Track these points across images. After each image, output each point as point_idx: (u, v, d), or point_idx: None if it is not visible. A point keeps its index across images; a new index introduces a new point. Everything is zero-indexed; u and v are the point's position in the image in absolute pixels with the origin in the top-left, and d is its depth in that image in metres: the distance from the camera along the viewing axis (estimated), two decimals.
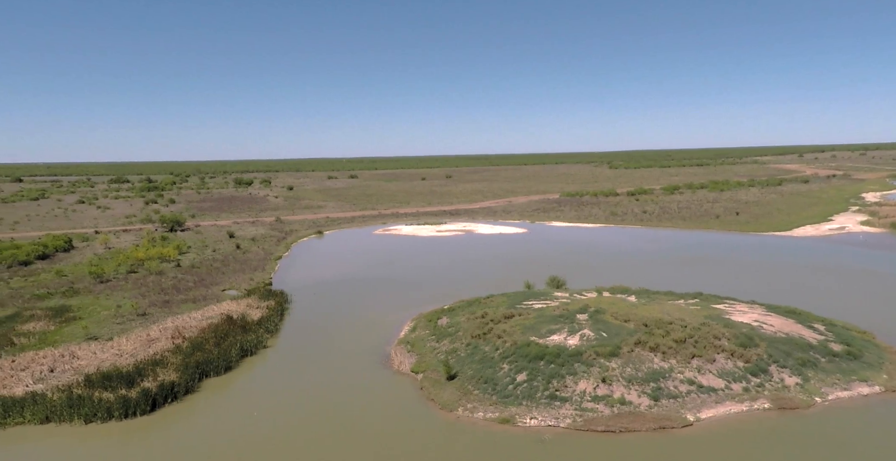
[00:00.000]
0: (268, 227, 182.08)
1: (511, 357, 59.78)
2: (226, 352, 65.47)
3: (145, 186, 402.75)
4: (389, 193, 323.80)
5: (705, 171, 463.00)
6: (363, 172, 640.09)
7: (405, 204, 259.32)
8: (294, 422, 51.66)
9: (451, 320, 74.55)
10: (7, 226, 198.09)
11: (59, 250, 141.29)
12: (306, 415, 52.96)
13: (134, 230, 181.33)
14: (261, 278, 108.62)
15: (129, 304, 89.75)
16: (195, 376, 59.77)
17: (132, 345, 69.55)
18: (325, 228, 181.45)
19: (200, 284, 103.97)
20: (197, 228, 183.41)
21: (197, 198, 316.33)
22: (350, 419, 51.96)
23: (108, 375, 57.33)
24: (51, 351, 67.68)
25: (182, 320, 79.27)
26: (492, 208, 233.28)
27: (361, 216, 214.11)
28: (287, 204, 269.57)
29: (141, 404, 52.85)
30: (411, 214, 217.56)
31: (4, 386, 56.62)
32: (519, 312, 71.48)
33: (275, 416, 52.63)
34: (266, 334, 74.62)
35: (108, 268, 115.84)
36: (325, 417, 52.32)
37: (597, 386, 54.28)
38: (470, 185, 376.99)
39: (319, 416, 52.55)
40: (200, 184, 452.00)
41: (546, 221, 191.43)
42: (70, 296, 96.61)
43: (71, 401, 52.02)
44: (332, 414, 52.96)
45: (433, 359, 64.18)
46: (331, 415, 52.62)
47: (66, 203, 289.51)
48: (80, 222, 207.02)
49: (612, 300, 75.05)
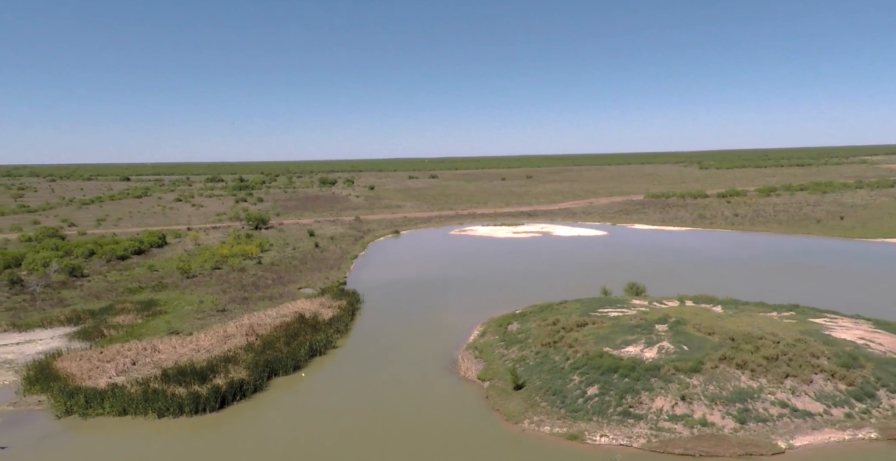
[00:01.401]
0: (347, 226, 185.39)
1: (582, 368, 56.71)
2: (295, 352, 66.04)
3: (237, 185, 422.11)
4: (468, 193, 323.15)
5: (806, 172, 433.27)
6: (444, 172, 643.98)
7: (483, 204, 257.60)
8: (356, 425, 51.02)
9: (522, 326, 72.08)
10: (111, 222, 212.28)
11: (154, 246, 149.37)
12: (369, 419, 52.21)
13: (222, 227, 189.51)
14: (336, 277, 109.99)
15: (211, 300, 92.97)
16: (264, 375, 60.47)
17: (209, 340, 71.55)
18: (401, 228, 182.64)
19: (278, 282, 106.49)
20: (280, 227, 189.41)
21: (283, 197, 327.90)
22: (411, 426, 50.74)
23: (182, 370, 58.96)
24: (135, 343, 70.67)
25: (257, 317, 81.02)
26: (571, 209, 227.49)
27: (438, 216, 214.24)
28: (367, 203, 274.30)
29: (210, 401, 53.85)
30: (488, 215, 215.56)
31: (90, 377, 59.35)
32: (593, 320, 68.03)
33: (337, 419, 52.21)
34: (335, 334, 74.93)
35: (194, 264, 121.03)
36: (386, 423, 51.37)
37: (675, 404, 50.38)
38: (550, 186, 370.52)
39: (381, 422, 51.66)
40: (288, 183, 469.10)
41: (628, 224, 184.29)
42: (158, 291, 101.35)
43: (146, 395, 53.71)
44: (394, 420, 51.95)
45: (501, 367, 62.04)
46: (393, 422, 51.62)
47: (165, 201, 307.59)
48: (176, 219, 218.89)
49: (695, 310, 70.14)
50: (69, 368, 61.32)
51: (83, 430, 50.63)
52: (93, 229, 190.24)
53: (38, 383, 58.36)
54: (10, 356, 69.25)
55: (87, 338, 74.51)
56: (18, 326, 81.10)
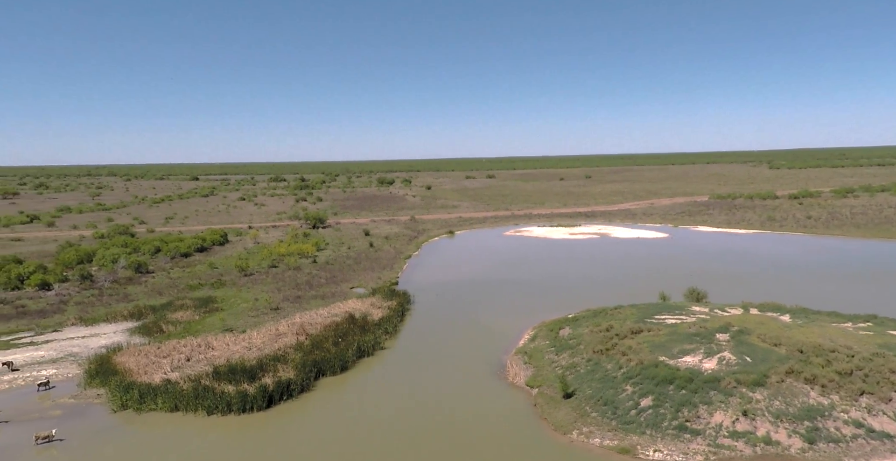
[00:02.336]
0: (402, 226, 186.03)
1: (635, 378, 54.13)
2: (343, 352, 65.98)
3: (298, 185, 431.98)
4: (525, 194, 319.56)
5: (888, 172, 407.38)
6: (501, 172, 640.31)
7: (540, 204, 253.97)
8: (400, 430, 50.27)
9: (574, 331, 69.77)
10: (178, 220, 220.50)
11: (216, 244, 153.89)
12: (413, 424, 51.38)
13: (282, 226, 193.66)
14: (388, 277, 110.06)
15: (265, 298, 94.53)
16: (311, 375, 60.58)
17: (261, 338, 72.47)
18: (456, 228, 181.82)
19: (331, 281, 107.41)
20: (337, 226, 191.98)
21: (342, 196, 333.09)
22: (456, 433, 49.56)
23: (233, 368, 59.74)
24: (191, 340, 72.33)
25: (309, 316, 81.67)
26: (631, 210, 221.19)
27: (494, 216, 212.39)
28: (423, 203, 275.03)
29: (258, 400, 54.24)
30: (545, 215, 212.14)
31: (146, 372, 60.94)
32: (648, 327, 65.05)
33: (382, 423, 51.61)
34: (384, 335, 74.59)
35: (252, 262, 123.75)
36: (430, 428, 50.38)
37: (736, 419, 47.27)
38: (609, 186, 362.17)
39: (425, 427, 50.72)
40: (347, 183, 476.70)
41: (691, 226, 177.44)
42: (217, 288, 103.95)
43: (197, 393, 54.59)
44: (439, 426, 50.90)
45: (550, 374, 60.08)
46: (437, 427, 50.59)
47: (230, 200, 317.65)
48: (238, 218, 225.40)
49: (760, 319, 66.08)
50: (127, 363, 63.19)
51: (136, 425, 51.86)
52: (161, 227, 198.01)
53: (98, 377, 60.34)
54: (76, 349, 72.12)
55: (147, 334, 76.84)
56: (85, 320, 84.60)
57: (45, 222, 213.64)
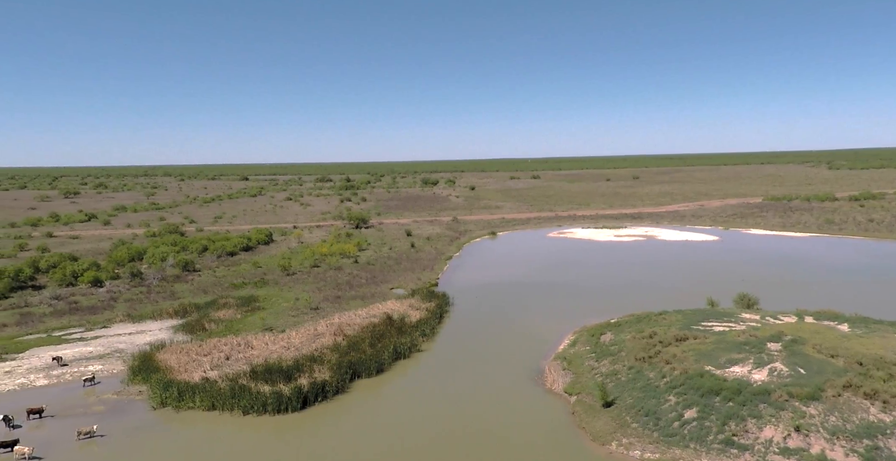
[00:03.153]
0: (444, 227, 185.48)
1: (679, 388, 51.82)
2: (379, 354, 65.60)
3: (344, 185, 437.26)
4: (570, 194, 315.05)
5: None
6: (546, 173, 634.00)
7: (585, 206, 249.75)
8: (433, 435, 49.41)
9: (616, 337, 67.59)
10: (227, 219, 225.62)
11: (261, 243, 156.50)
12: (447, 429, 50.44)
13: (326, 226, 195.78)
14: (428, 278, 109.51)
15: (306, 298, 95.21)
16: (347, 376, 60.33)
17: (300, 338, 72.79)
18: (498, 229, 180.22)
19: (371, 281, 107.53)
20: (380, 226, 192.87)
21: (386, 196, 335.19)
22: (490, 440, 48.38)
23: (270, 368, 60.03)
24: (231, 338, 73.25)
25: (347, 317, 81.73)
26: (680, 212, 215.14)
27: (537, 217, 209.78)
28: (466, 204, 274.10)
29: (293, 401, 54.25)
30: (590, 217, 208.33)
31: (186, 370, 61.86)
32: (694, 335, 62.41)
33: (415, 427, 50.86)
34: (421, 337, 73.93)
35: (295, 261, 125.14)
36: (464, 435, 49.33)
37: (788, 435, 44.60)
38: (658, 187, 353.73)
39: (460, 433, 49.70)
40: (391, 183, 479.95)
41: (742, 228, 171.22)
42: (260, 287, 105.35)
43: (234, 392, 55.00)
44: (473, 432, 49.80)
45: (590, 381, 58.22)
46: (471, 434, 49.50)
47: (277, 200, 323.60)
48: (284, 217, 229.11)
49: (815, 328, 62.61)
50: (169, 361, 64.30)
51: (175, 423, 52.52)
52: (209, 226, 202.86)
53: (141, 374, 61.56)
54: (122, 346, 73.95)
55: (190, 332, 78.21)
56: (133, 317, 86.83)
57: (101, 221, 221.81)
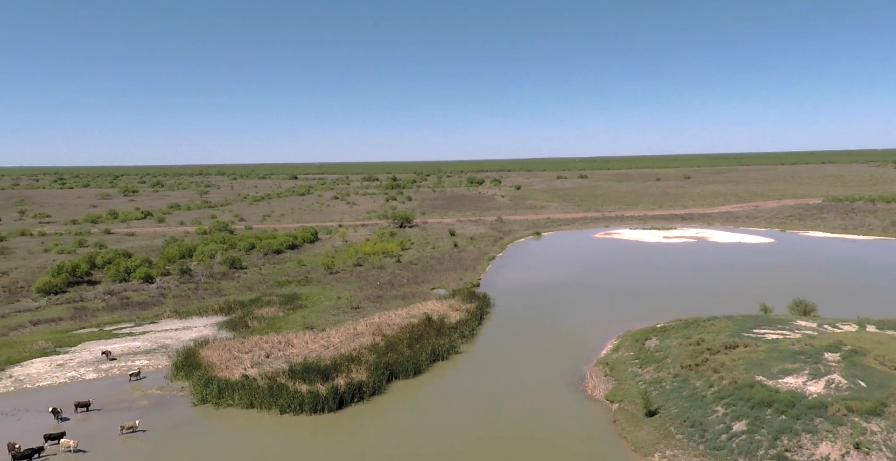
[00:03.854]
0: (488, 227, 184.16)
1: (728, 398, 49.38)
2: (417, 355, 65.02)
3: (390, 184, 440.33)
4: (618, 195, 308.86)
5: None
6: (594, 172, 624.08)
7: (633, 206, 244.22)
8: (469, 441, 48.46)
9: (661, 343, 65.19)
10: (275, 218, 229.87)
11: (307, 241, 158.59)
12: (483, 435, 49.41)
13: (370, 225, 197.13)
14: (470, 278, 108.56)
15: (347, 297, 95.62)
16: (384, 377, 59.96)
17: (339, 337, 72.94)
18: (543, 229, 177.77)
19: (413, 281, 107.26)
20: (423, 225, 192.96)
21: (431, 195, 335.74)
22: (528, 447, 47.12)
23: (308, 367, 60.19)
24: (273, 336, 73.97)
25: (387, 316, 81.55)
26: (733, 213, 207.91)
27: (584, 218, 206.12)
28: (511, 203, 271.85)
29: (329, 401, 54.17)
30: (638, 217, 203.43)
31: (227, 367, 62.66)
32: (745, 342, 59.54)
33: (451, 432, 50.01)
34: (460, 339, 73.03)
35: (338, 260, 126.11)
36: (501, 441, 48.20)
37: (846, 452, 41.81)
38: (710, 187, 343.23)
39: (496, 439, 48.60)
40: (437, 182, 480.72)
41: (800, 230, 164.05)
42: (303, 285, 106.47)
43: (272, 390, 55.29)
44: (510, 439, 48.61)
45: (633, 388, 56.20)
46: (508, 440, 48.33)
47: (324, 199, 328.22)
48: (330, 216, 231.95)
49: (878, 337, 58.87)
50: (211, 357, 65.28)
51: (214, 420, 53.13)
52: (258, 224, 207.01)
53: (183, 370, 62.67)
54: (168, 341, 75.64)
55: (234, 329, 79.42)
56: (180, 313, 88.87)
57: (156, 218, 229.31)
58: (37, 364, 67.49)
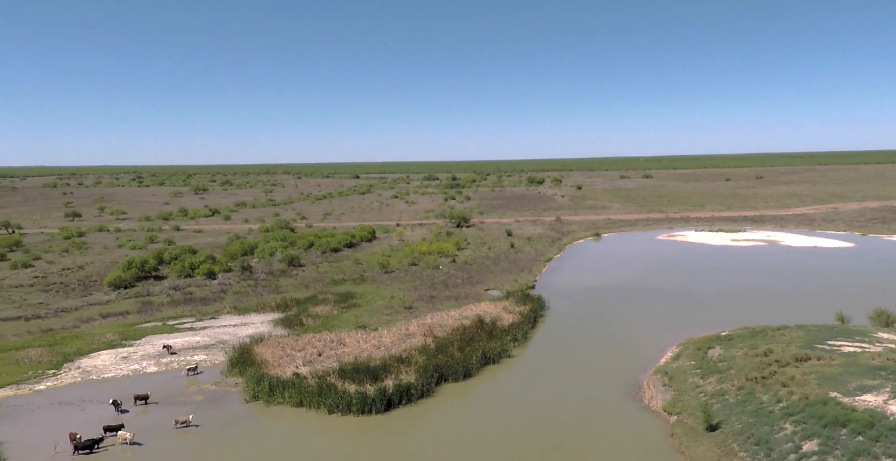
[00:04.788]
0: (546, 227, 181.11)
1: (798, 415, 45.98)
2: (467, 358, 63.94)
3: (449, 184, 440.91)
4: (684, 195, 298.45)
5: None
6: (659, 172, 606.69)
7: (699, 207, 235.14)
8: (519, 448, 47.02)
9: (725, 352, 61.73)
10: (335, 216, 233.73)
11: (364, 240, 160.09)
12: (534, 443, 47.84)
13: (428, 224, 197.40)
14: (525, 280, 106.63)
15: (401, 296, 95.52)
16: (433, 380, 59.18)
17: (391, 337, 72.71)
18: (603, 230, 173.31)
19: (467, 282, 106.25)
20: (481, 225, 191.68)
21: (490, 195, 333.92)
22: (580, 458, 45.25)
23: (358, 367, 60.08)
24: (326, 334, 74.47)
25: (439, 317, 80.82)
26: (808, 215, 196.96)
27: (646, 219, 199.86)
28: (572, 203, 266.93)
29: (377, 403, 53.78)
30: (704, 219, 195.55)
31: (279, 364, 63.35)
32: (818, 355, 55.52)
33: (501, 439, 48.68)
34: (512, 342, 71.44)
35: (394, 259, 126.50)
36: (551, 451, 46.50)
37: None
38: (784, 188, 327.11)
39: (546, 448, 46.95)
40: (497, 182, 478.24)
41: (884, 234, 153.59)
42: (358, 284, 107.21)
43: (321, 390, 55.39)
44: (561, 449, 46.85)
45: (693, 400, 53.30)
46: (559, 449, 46.59)
47: (384, 198, 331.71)
48: (389, 215, 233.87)
49: None
50: (264, 354, 66.19)
51: (264, 417, 53.68)
52: (318, 222, 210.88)
53: (238, 366, 63.78)
54: (226, 337, 77.39)
55: (289, 326, 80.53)
56: (239, 309, 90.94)
57: (223, 216, 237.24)
58: (103, 356, 70.29)
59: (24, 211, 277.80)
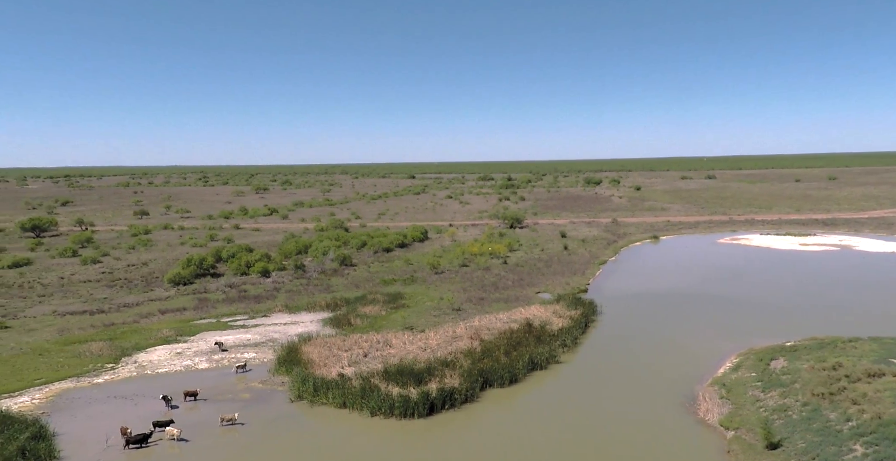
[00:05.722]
0: (601, 229, 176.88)
1: (869, 436, 42.54)
2: (514, 363, 62.44)
3: (504, 184, 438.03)
4: (749, 196, 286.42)
5: None
6: (724, 172, 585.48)
7: (766, 209, 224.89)
8: (565, 458, 45.33)
9: (789, 365, 58.07)
10: (389, 216, 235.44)
11: (416, 240, 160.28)
12: (581, 454, 46.08)
13: (480, 225, 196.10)
14: (577, 283, 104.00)
15: (450, 298, 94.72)
16: (478, 384, 58.02)
17: (437, 339, 71.92)
18: (662, 233, 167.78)
19: (518, 284, 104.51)
20: (534, 226, 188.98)
21: (545, 196, 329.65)
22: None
23: (402, 369, 59.52)
24: (373, 335, 74.37)
25: (487, 320, 79.53)
26: (887, 219, 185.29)
27: (708, 221, 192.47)
28: (629, 205, 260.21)
29: (419, 406, 53.04)
30: (771, 222, 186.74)
31: (325, 364, 63.52)
32: (894, 371, 51.37)
33: (546, 448, 47.10)
34: (561, 348, 69.44)
35: (444, 260, 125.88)
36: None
37: None
38: (860, 189, 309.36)
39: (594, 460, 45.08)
40: (552, 182, 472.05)
41: None
42: (408, 284, 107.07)
43: (364, 392, 55.09)
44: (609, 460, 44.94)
45: (752, 415, 50.21)
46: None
47: (438, 198, 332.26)
48: (442, 215, 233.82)
49: None
50: (311, 354, 66.56)
51: (308, 417, 53.81)
52: (372, 222, 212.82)
53: (285, 365, 64.32)
54: (276, 335, 78.42)
55: (337, 325, 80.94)
56: (290, 308, 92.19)
57: (281, 215, 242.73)
58: (159, 351, 72.34)
59: (97, 209, 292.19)
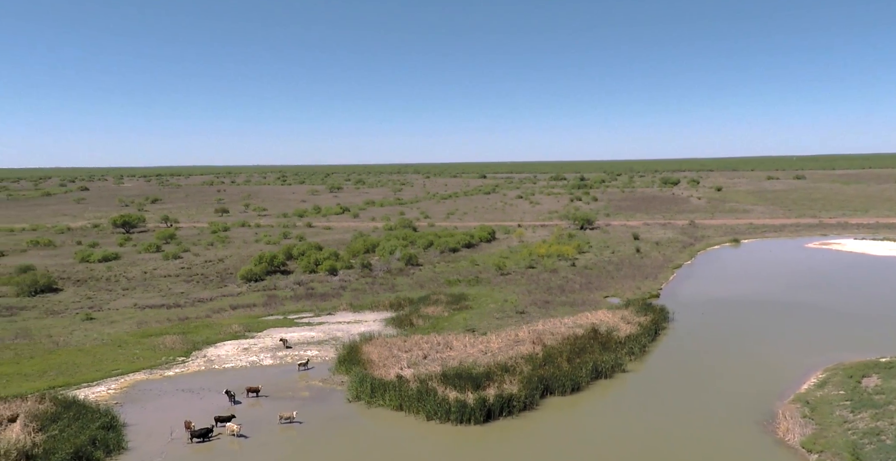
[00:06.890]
0: (677, 231, 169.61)
1: None
2: (577, 370, 60.04)
3: (576, 184, 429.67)
4: (842, 198, 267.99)
5: None
6: (815, 172, 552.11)
7: (861, 212, 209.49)
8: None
9: (884, 383, 52.94)
10: (457, 216, 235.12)
11: (483, 240, 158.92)
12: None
13: (550, 225, 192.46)
14: (649, 288, 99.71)
15: (514, 300, 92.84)
16: (537, 392, 56.10)
17: (499, 343, 70.36)
18: (743, 236, 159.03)
19: (586, 287, 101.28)
20: (606, 227, 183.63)
21: (619, 196, 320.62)
22: None
23: (460, 373, 58.34)
24: (434, 336, 73.62)
25: (551, 324, 77.21)
26: None
27: (795, 224, 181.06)
28: (709, 206, 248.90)
29: (476, 412, 51.69)
30: (867, 226, 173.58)
31: (384, 365, 63.22)
32: None
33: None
34: (628, 356, 66.32)
35: (511, 261, 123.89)
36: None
37: None
38: None
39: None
40: (627, 182, 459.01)
41: None
42: (472, 285, 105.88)
43: (421, 395, 54.29)
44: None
45: (839, 437, 45.91)
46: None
47: (508, 198, 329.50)
48: (511, 215, 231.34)
49: None
50: (371, 353, 66.48)
51: (365, 418, 53.54)
52: (441, 221, 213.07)
53: (345, 364, 64.50)
54: (339, 334, 79.08)
55: (399, 325, 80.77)
56: (354, 307, 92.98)
57: (352, 214, 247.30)
58: (227, 346, 74.36)
59: (183, 206, 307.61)
